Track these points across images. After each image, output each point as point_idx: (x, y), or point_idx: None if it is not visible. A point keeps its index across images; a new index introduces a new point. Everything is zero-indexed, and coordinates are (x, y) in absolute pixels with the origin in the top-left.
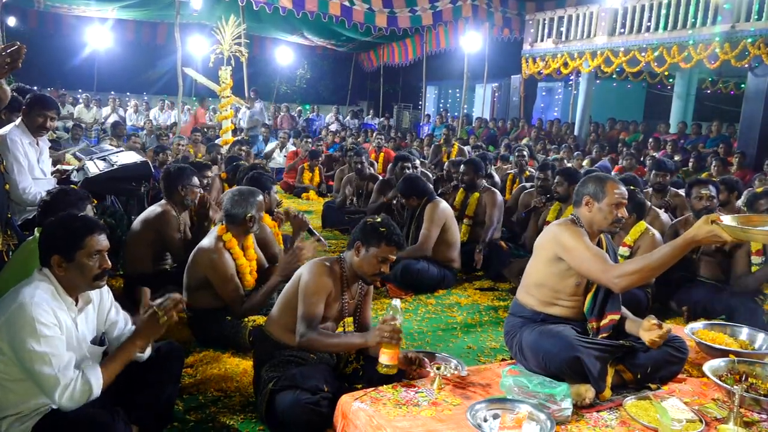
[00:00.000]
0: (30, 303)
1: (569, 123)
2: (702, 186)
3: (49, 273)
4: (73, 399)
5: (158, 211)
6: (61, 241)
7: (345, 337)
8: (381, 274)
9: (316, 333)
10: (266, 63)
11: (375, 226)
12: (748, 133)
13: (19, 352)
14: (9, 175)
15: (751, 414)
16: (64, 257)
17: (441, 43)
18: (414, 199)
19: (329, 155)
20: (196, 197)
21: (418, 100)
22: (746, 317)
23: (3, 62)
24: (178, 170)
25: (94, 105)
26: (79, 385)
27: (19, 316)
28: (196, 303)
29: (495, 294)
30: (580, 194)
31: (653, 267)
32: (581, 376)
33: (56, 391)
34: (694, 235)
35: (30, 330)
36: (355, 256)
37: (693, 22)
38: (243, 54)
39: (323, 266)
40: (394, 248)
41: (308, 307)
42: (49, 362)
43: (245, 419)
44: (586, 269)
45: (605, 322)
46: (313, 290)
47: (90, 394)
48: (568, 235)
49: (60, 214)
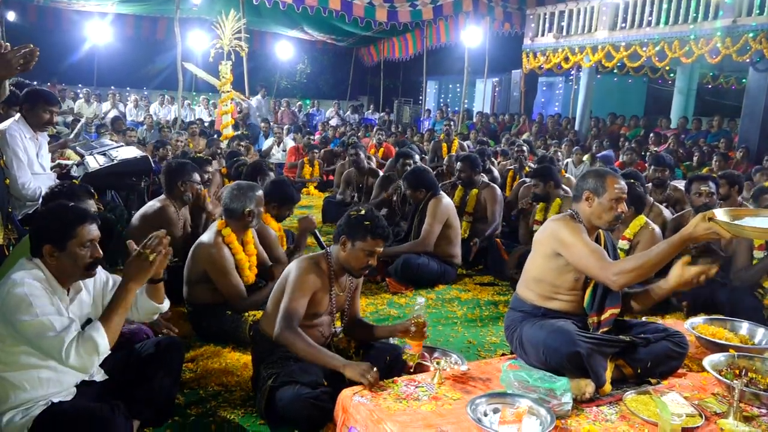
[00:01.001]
0: (21, 283)
1: (569, 118)
2: (701, 182)
3: (39, 262)
4: (81, 356)
5: (157, 206)
6: (53, 230)
7: (322, 352)
8: (369, 267)
9: (293, 333)
10: (266, 58)
11: (360, 219)
12: (749, 127)
13: (18, 327)
14: (9, 170)
15: (750, 408)
16: (56, 247)
17: (441, 38)
18: (422, 192)
19: (330, 150)
20: (195, 193)
21: (418, 95)
22: (746, 312)
23: (16, 63)
24: (179, 165)
25: (94, 100)
26: (83, 341)
27: (13, 297)
28: (197, 297)
29: (495, 289)
30: (580, 189)
31: (651, 264)
32: (581, 370)
33: (62, 350)
34: (691, 232)
35: (25, 305)
36: (342, 250)
37: (694, 17)
38: (243, 49)
39: (310, 263)
40: (381, 241)
41: (290, 303)
42: (49, 326)
43: (246, 413)
44: (584, 266)
45: (606, 317)
46: (297, 286)
47: (97, 349)
48: (566, 230)
49: (50, 205)
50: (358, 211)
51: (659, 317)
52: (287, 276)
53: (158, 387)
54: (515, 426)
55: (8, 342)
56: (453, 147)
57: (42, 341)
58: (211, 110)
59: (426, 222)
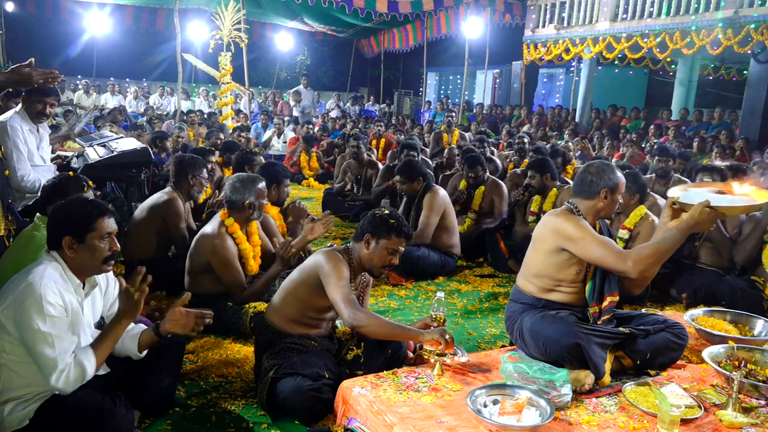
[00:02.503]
0: (39, 282)
1: (569, 110)
2: (706, 173)
3: (57, 255)
4: (69, 382)
5: (165, 198)
6: (73, 223)
7: (399, 326)
8: (390, 265)
9: (365, 314)
10: (266, 49)
11: (385, 219)
12: (750, 119)
13: (23, 329)
14: (8, 161)
15: (749, 400)
16: (76, 239)
17: (442, 29)
18: (418, 182)
19: (330, 142)
20: (202, 189)
21: (418, 87)
22: (746, 304)
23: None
24: (192, 160)
25: (93, 91)
26: (74, 368)
27: (28, 294)
28: (198, 288)
29: (495, 281)
30: (598, 186)
31: (665, 250)
32: (581, 362)
33: (53, 373)
34: (696, 223)
35: (37, 308)
36: (365, 248)
37: (696, 8)
38: (243, 40)
39: (337, 255)
40: (404, 239)
41: (341, 290)
42: (51, 344)
43: (246, 405)
44: (597, 257)
45: (605, 305)
46: (338, 275)
47: (84, 377)
48: (572, 226)
49: (69, 197)
50: (383, 211)
51: (659, 308)
52: (309, 270)
53: (159, 378)
54: (515, 417)
55: (13, 334)
56: (453, 138)
57: (37, 355)
58: (210, 101)
59: (423, 215)
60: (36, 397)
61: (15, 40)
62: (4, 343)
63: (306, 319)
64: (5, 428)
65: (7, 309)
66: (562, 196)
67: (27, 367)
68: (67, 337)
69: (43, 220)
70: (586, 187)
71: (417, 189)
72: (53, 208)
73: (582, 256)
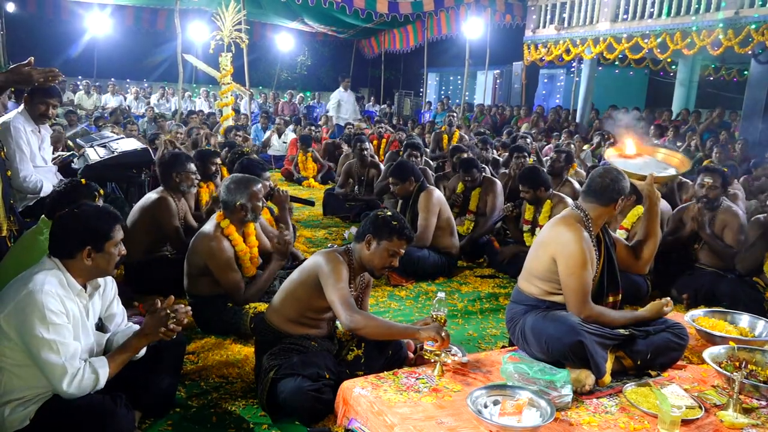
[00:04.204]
0: (40, 290)
1: (569, 110)
2: (705, 174)
3: (58, 262)
4: (81, 388)
5: (154, 198)
6: (94, 233)
7: (395, 326)
8: (391, 267)
9: (362, 315)
10: (267, 49)
11: (387, 220)
12: (750, 119)
13: (26, 338)
14: (10, 162)
15: (750, 400)
16: (95, 249)
17: (442, 30)
18: (410, 182)
19: (332, 142)
20: (192, 183)
21: (419, 87)
22: (746, 304)
23: (36, 78)
24: (172, 157)
25: (94, 91)
26: (87, 374)
27: (28, 303)
28: (198, 290)
29: (495, 281)
30: (618, 194)
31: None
32: (583, 360)
33: (64, 379)
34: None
35: (39, 316)
36: (366, 249)
37: (696, 9)
38: (243, 40)
39: (336, 256)
40: (405, 242)
41: (340, 292)
42: (56, 350)
43: (247, 405)
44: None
45: (609, 303)
46: (338, 276)
47: (96, 385)
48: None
49: (82, 207)
50: (385, 212)
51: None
52: (308, 270)
53: (160, 379)
54: (515, 418)
55: (15, 340)
56: (454, 138)
57: (43, 363)
58: (211, 102)
59: (421, 217)
60: (36, 397)
61: (16, 41)
62: (5, 348)
63: (305, 320)
64: (6, 428)
65: (9, 316)
66: (557, 210)
67: (27, 370)
68: (72, 343)
69: (48, 225)
70: (604, 194)
71: (410, 190)
72: (62, 214)
73: (560, 273)
